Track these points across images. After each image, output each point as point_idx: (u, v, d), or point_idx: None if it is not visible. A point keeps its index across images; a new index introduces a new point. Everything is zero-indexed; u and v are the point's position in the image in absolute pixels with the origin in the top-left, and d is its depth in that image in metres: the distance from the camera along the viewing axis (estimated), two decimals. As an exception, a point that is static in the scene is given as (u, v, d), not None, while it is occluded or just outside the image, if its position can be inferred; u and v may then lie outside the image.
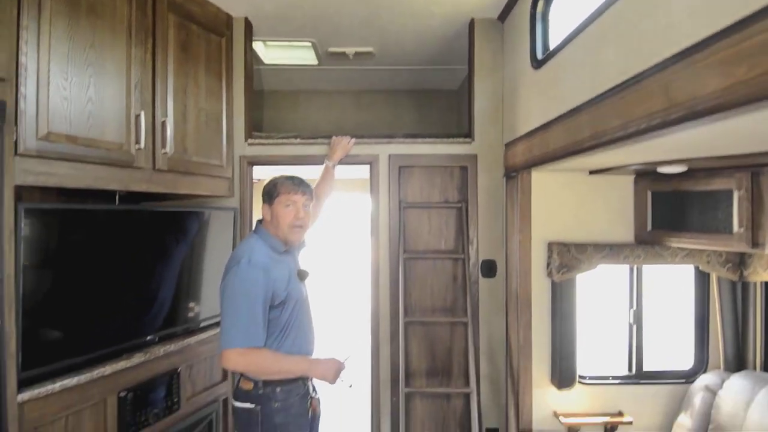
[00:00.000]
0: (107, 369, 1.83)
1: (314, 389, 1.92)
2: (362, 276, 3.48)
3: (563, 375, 2.28)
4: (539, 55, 2.06)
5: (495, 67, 2.64)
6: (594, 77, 1.50)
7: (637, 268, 2.42)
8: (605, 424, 2.27)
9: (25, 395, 1.54)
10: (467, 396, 2.59)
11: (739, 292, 2.25)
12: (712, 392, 2.12)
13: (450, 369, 2.71)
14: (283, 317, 1.79)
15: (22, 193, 1.58)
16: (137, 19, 1.97)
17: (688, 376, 2.36)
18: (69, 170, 1.70)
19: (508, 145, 2.49)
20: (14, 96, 1.49)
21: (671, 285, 2.74)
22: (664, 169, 1.93)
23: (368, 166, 2.72)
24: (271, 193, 1.85)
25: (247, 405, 1.77)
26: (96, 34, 1.78)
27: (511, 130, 2.45)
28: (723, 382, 2.13)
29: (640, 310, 2.42)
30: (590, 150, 1.51)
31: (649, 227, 2.21)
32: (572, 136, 1.62)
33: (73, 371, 1.72)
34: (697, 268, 2.35)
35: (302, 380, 1.85)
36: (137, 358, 1.96)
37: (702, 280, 2.40)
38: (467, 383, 2.56)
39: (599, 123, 1.43)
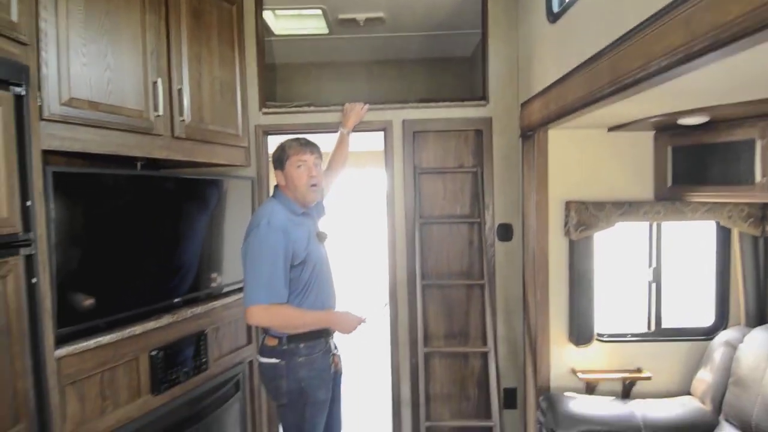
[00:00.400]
0: (137, 329, 1.90)
1: (335, 347, 1.99)
2: (380, 241, 3.49)
3: (581, 332, 2.29)
4: (555, 8, 2.01)
5: (509, 26, 2.59)
6: (613, 21, 1.46)
7: (657, 226, 2.39)
8: (623, 380, 2.29)
9: (62, 351, 1.62)
10: (485, 357, 2.63)
11: (762, 248, 2.22)
12: (732, 347, 2.12)
13: (467, 332, 2.75)
14: (303, 276, 1.85)
15: (49, 159, 1.63)
16: (149, -16, 1.98)
17: (709, 333, 2.35)
18: (93, 136, 1.75)
19: (523, 105, 2.46)
20: (36, 61, 1.52)
21: (691, 242, 2.70)
22: (684, 121, 1.89)
23: (382, 133, 2.72)
24: (281, 158, 1.89)
25: (273, 360, 1.84)
26: (110, 0, 1.80)
27: (527, 90, 2.42)
28: (743, 337, 2.12)
29: (659, 267, 2.40)
30: (610, 96, 1.49)
31: (669, 183, 2.18)
32: (591, 85, 1.59)
33: (106, 330, 1.80)
34: (718, 224, 2.31)
35: (324, 337, 1.91)
36: (166, 320, 2.03)
37: (723, 236, 2.36)
38: (485, 345, 2.60)
39: (619, 67, 1.41)
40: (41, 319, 1.53)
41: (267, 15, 3.05)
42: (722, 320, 2.38)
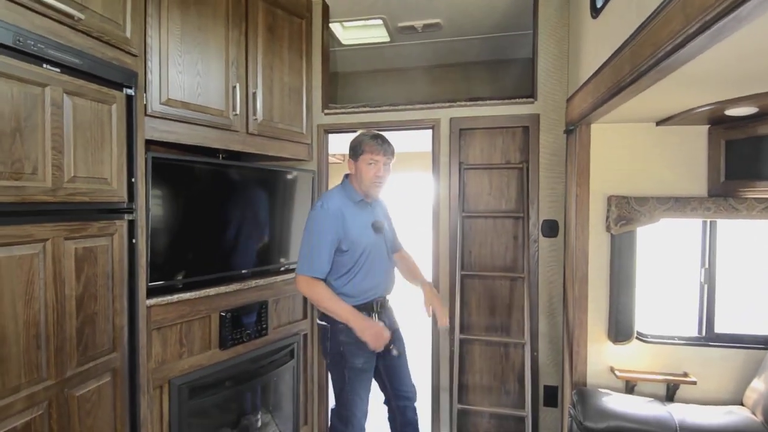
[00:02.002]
0: (211, 291, 2.27)
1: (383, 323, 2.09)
2: (425, 236, 3.62)
3: (620, 329, 2.24)
4: (599, 4, 2.05)
5: (560, 24, 2.62)
6: (638, 12, 1.51)
7: (711, 224, 2.27)
8: (667, 382, 2.19)
9: (151, 300, 2.01)
10: (524, 351, 2.65)
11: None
12: (795, 357, 1.95)
13: (509, 326, 2.79)
14: (349, 261, 2.05)
15: (149, 146, 2.05)
16: (233, 5, 2.37)
17: (769, 342, 2.17)
18: (184, 130, 2.15)
19: (568, 101, 2.49)
20: (143, 68, 1.94)
21: (752, 243, 2.47)
22: (732, 112, 1.81)
23: (430, 131, 2.88)
24: (356, 150, 2.07)
25: (323, 322, 2.10)
26: (201, 18, 2.21)
27: (573, 86, 2.44)
28: (810, 348, 1.94)
29: (713, 268, 2.27)
30: (631, 85, 1.53)
31: (722, 178, 2.07)
32: (616, 75, 1.64)
33: (186, 289, 2.19)
34: (784, 225, 2.14)
35: (365, 312, 2.07)
36: (234, 286, 2.39)
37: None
38: (523, 337, 2.63)
39: (636, 55, 1.46)
40: (137, 272, 1.93)
41: (335, 27, 3.39)
42: (789, 330, 2.17)
